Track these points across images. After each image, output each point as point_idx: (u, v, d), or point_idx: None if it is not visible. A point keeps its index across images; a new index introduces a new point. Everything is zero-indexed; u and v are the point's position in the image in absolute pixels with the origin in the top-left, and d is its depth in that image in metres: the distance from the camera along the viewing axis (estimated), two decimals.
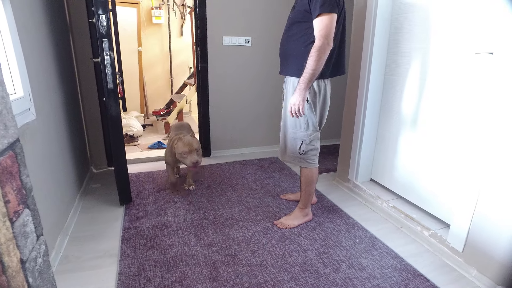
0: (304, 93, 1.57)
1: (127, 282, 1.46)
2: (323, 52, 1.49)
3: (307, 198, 1.93)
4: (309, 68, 1.52)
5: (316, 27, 1.50)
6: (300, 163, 1.83)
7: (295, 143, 1.79)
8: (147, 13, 4.16)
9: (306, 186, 1.88)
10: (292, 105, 1.61)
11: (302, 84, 1.56)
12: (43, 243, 0.64)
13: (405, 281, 1.51)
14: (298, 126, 1.75)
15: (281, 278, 1.51)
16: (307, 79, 1.55)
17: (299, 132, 1.76)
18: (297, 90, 1.58)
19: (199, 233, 1.84)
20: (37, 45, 1.62)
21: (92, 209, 2.10)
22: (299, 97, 1.58)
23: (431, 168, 1.85)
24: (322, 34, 1.48)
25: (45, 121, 1.64)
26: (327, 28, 1.48)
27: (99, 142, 2.70)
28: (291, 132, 1.79)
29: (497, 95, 1.35)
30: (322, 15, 1.47)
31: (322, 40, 1.48)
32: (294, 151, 1.81)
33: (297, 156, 1.81)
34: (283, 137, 1.85)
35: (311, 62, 1.51)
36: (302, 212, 1.96)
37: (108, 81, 1.86)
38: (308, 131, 1.76)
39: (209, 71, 2.84)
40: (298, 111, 1.61)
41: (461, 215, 1.56)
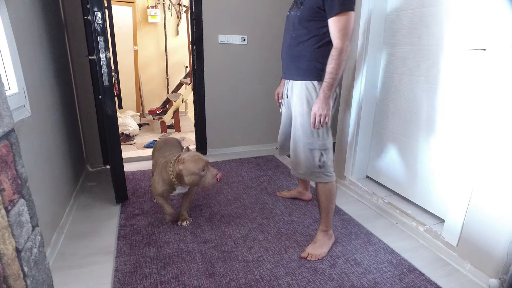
0: (329, 101, 1.42)
1: (123, 279, 1.46)
2: (346, 53, 1.38)
3: (329, 218, 1.68)
4: (332, 73, 1.38)
5: (335, 27, 1.37)
6: (318, 178, 1.60)
7: (312, 155, 1.56)
8: (143, 12, 4.15)
9: (328, 204, 1.64)
10: (317, 116, 1.43)
11: (327, 91, 1.40)
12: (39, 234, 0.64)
13: (400, 276, 1.52)
14: (315, 134, 1.54)
15: (277, 274, 1.51)
16: (331, 85, 1.40)
17: (316, 141, 1.54)
18: (322, 99, 1.41)
19: (196, 230, 1.84)
20: (31, 42, 1.61)
21: (88, 207, 2.10)
22: (326, 106, 1.42)
23: (425, 164, 1.87)
24: (342, 34, 1.36)
25: (40, 118, 1.63)
26: (347, 28, 1.36)
27: (95, 141, 2.69)
28: (306, 142, 1.56)
29: (489, 90, 1.36)
30: (341, 14, 1.34)
31: (343, 41, 1.36)
32: (311, 165, 1.57)
33: (315, 170, 1.58)
34: (294, 149, 1.62)
35: (334, 65, 1.38)
36: (327, 236, 1.71)
37: (104, 79, 1.85)
38: (327, 138, 1.56)
39: (205, 70, 2.84)
40: (324, 122, 1.44)
41: (455, 210, 1.58)
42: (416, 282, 1.48)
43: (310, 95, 1.52)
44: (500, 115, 1.34)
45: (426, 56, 1.79)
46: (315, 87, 1.51)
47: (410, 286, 1.46)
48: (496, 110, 1.35)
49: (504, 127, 1.33)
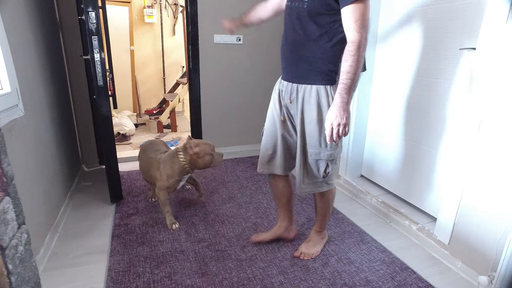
0: (348, 107, 1.22)
1: (116, 278, 1.47)
2: (364, 48, 1.19)
3: (326, 221, 1.68)
4: (351, 72, 1.18)
5: (350, 17, 1.18)
6: (320, 188, 1.49)
7: (317, 166, 1.43)
8: (139, 12, 4.16)
9: (326, 209, 1.61)
10: (335, 126, 1.22)
11: (344, 94, 1.19)
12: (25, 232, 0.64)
13: (392, 274, 1.53)
14: (324, 144, 1.39)
15: (270, 272, 1.52)
16: (349, 87, 1.19)
17: (324, 151, 1.40)
18: (339, 105, 1.20)
19: (190, 229, 1.85)
20: (25, 42, 1.62)
21: (83, 207, 2.10)
22: (344, 113, 1.20)
23: (419, 163, 1.88)
24: (360, 25, 1.17)
25: (33, 118, 1.64)
26: (364, 17, 1.17)
27: (91, 141, 2.69)
28: (312, 152, 1.42)
29: (479, 88, 1.37)
30: (357, 2, 1.15)
31: (361, 33, 1.17)
32: (315, 176, 1.46)
33: (318, 181, 1.47)
34: (301, 163, 1.44)
35: (351, 63, 1.17)
36: (321, 235, 1.70)
37: (98, 79, 1.86)
38: (337, 147, 1.42)
39: (201, 70, 2.84)
40: (343, 133, 1.24)
41: (447, 208, 1.59)
42: (408, 280, 1.49)
43: (322, 101, 1.34)
44: (489, 114, 1.35)
45: (419, 54, 1.80)
46: (328, 93, 1.32)
47: (402, 284, 1.47)
48: (485, 109, 1.36)
49: (493, 126, 1.34)
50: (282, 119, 1.50)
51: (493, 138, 1.34)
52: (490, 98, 1.34)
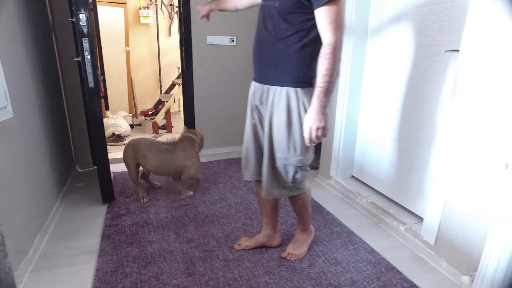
0: (326, 110, 1.20)
1: (104, 278, 1.48)
2: (340, 50, 1.16)
3: (308, 220, 1.67)
4: (327, 75, 1.15)
5: (324, 19, 1.14)
6: (291, 192, 1.47)
7: (286, 171, 1.40)
8: (135, 13, 4.17)
9: (303, 211, 1.62)
10: (313, 130, 1.20)
11: (323, 98, 1.17)
12: None
13: (377, 274, 1.55)
14: (292, 149, 1.35)
15: (256, 273, 1.53)
16: (328, 90, 1.17)
17: (292, 157, 1.36)
18: (317, 108, 1.18)
19: (179, 230, 1.86)
20: (15, 44, 1.63)
21: (75, 208, 2.11)
22: (322, 117, 1.18)
23: (408, 164, 1.90)
24: (334, 27, 1.14)
25: (23, 120, 1.65)
26: (340, 19, 1.14)
27: (85, 142, 2.70)
28: (280, 157, 1.38)
29: (462, 90, 1.39)
30: (331, 2, 1.12)
31: (336, 35, 1.14)
32: (284, 181, 1.42)
33: (287, 186, 1.44)
34: (268, 167, 1.40)
35: (327, 66, 1.14)
36: (306, 234, 1.71)
37: (89, 80, 1.87)
38: (306, 154, 1.38)
39: (194, 71, 2.86)
40: (321, 137, 1.22)
41: (433, 209, 1.60)
42: (393, 281, 1.51)
43: (292, 104, 1.30)
44: (473, 115, 1.36)
45: (407, 56, 1.81)
46: (298, 96, 1.29)
47: (387, 284, 1.48)
48: (469, 111, 1.38)
49: (475, 127, 1.35)
50: (253, 122, 1.48)
51: (476, 139, 1.36)
52: (473, 100, 1.36)
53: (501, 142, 1.26)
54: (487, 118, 1.31)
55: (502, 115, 1.25)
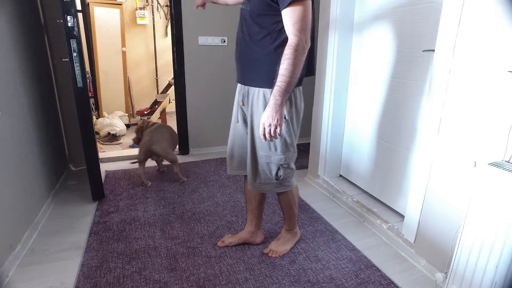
0: (281, 109, 1.21)
1: (88, 273, 1.52)
2: (302, 52, 1.16)
3: (293, 220, 1.70)
4: (285, 75, 1.17)
5: (289, 20, 1.16)
6: (276, 189, 1.51)
7: (269, 168, 1.44)
8: (131, 14, 4.22)
9: (289, 209, 1.64)
10: (266, 126, 1.22)
11: (278, 97, 1.19)
12: None
13: (356, 272, 1.57)
14: (273, 148, 1.39)
15: (237, 269, 1.56)
16: (284, 90, 1.18)
17: (274, 155, 1.40)
18: (272, 106, 1.20)
19: (165, 227, 1.90)
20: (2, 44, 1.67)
21: (65, 205, 2.16)
22: (276, 115, 1.21)
23: (391, 163, 1.92)
24: (297, 28, 1.14)
25: (11, 119, 1.69)
26: (303, 21, 1.14)
27: (78, 141, 2.73)
28: (262, 155, 1.42)
29: (437, 88, 1.41)
30: (295, 4, 1.13)
31: (299, 36, 1.14)
32: (268, 177, 1.46)
33: (272, 182, 1.47)
34: (251, 162, 1.46)
35: (287, 66, 1.16)
36: (291, 233, 1.73)
37: (77, 81, 1.91)
38: (287, 153, 1.42)
39: (186, 71, 2.89)
40: (275, 133, 1.24)
41: (412, 207, 1.63)
42: (371, 278, 1.53)
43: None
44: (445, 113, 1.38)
45: (389, 55, 1.83)
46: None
47: (365, 281, 1.51)
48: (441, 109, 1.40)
49: (448, 126, 1.38)
50: (236, 121, 1.53)
51: (451, 137, 1.38)
52: (445, 99, 1.38)
53: (470, 141, 1.28)
54: (458, 118, 1.33)
55: (471, 115, 1.27)
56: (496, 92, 1.19)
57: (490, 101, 1.21)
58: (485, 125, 1.23)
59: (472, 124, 1.28)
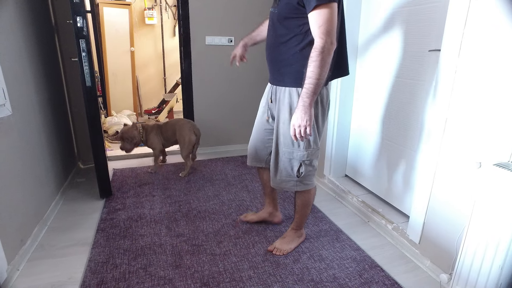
0: (310, 110, 1.26)
1: (95, 268, 1.55)
2: (328, 53, 1.20)
3: (303, 220, 1.71)
4: (312, 77, 1.21)
5: (315, 23, 1.20)
6: (296, 187, 1.54)
7: (291, 165, 1.49)
8: (140, 14, 4.27)
9: (303, 208, 1.65)
10: (296, 127, 1.28)
11: (306, 99, 1.24)
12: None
13: (360, 272, 1.57)
14: (296, 144, 1.44)
15: (241, 267, 1.58)
16: (312, 91, 1.23)
17: (296, 151, 1.45)
18: (301, 108, 1.26)
19: (171, 225, 1.92)
20: (15, 44, 1.71)
21: (74, 202, 2.20)
22: (305, 116, 1.26)
23: (397, 163, 1.91)
24: (323, 31, 1.19)
25: (23, 117, 1.73)
26: (329, 23, 1.18)
27: (87, 139, 2.78)
28: (285, 151, 1.47)
29: (443, 88, 1.40)
30: (320, 7, 1.17)
31: (324, 39, 1.19)
32: (289, 174, 1.51)
33: (293, 179, 1.52)
34: (274, 158, 1.53)
35: (314, 69, 1.20)
36: (297, 233, 1.74)
37: (86, 80, 1.95)
38: (310, 150, 1.46)
39: (193, 70, 2.92)
40: (305, 134, 1.29)
41: (417, 208, 1.62)
42: (375, 278, 1.53)
43: (293, 103, 1.40)
44: (453, 114, 1.37)
45: (395, 56, 1.83)
46: (299, 95, 1.32)
47: (368, 281, 1.51)
48: (449, 109, 1.39)
49: (453, 126, 1.37)
50: (266, 117, 1.61)
51: (456, 137, 1.37)
52: (451, 99, 1.37)
53: (475, 141, 1.27)
54: (463, 118, 1.32)
55: (476, 115, 1.26)
56: (502, 92, 1.18)
57: (496, 101, 1.20)
58: (491, 125, 1.22)
59: (477, 124, 1.27)
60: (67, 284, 1.45)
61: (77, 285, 1.45)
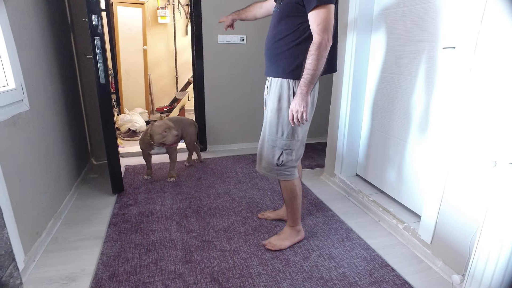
0: (307, 98, 1.38)
1: (107, 262, 1.58)
2: (324, 49, 1.32)
3: (295, 214, 1.72)
4: (310, 69, 1.34)
5: (313, 21, 1.33)
6: (276, 175, 1.62)
7: (273, 152, 1.58)
8: (152, 13, 4.32)
9: (290, 201, 1.68)
10: (294, 112, 1.40)
11: (304, 87, 1.37)
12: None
13: (370, 271, 1.56)
14: (280, 132, 1.54)
15: (250, 263, 1.58)
16: (309, 81, 1.36)
17: (279, 140, 1.55)
18: (299, 95, 1.38)
19: (182, 221, 1.94)
20: (32, 41, 1.75)
21: (87, 197, 2.24)
22: (302, 102, 1.38)
23: (410, 163, 1.89)
24: (321, 28, 1.31)
25: (39, 113, 1.78)
26: (326, 22, 1.31)
27: (100, 136, 2.84)
28: (269, 139, 1.58)
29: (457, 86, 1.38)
30: (320, 7, 1.30)
31: (322, 36, 1.31)
32: (271, 162, 1.60)
33: (273, 167, 1.60)
34: (260, 144, 1.65)
35: (311, 61, 1.33)
36: (293, 230, 1.75)
37: (100, 77, 1.99)
38: (293, 139, 1.55)
39: (205, 69, 2.94)
40: (302, 119, 1.41)
41: (429, 207, 1.60)
42: (385, 277, 1.51)
43: (283, 93, 1.50)
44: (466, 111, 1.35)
45: (408, 54, 1.80)
46: (290, 86, 1.48)
47: (378, 280, 1.49)
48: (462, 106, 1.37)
49: (470, 124, 1.34)
50: (264, 108, 1.70)
51: (471, 136, 1.35)
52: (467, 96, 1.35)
53: (490, 140, 1.25)
54: (478, 116, 1.30)
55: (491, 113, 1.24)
56: None
57: None
58: (507, 124, 1.19)
59: (492, 122, 1.24)
60: (81, 276, 1.49)
61: (90, 277, 1.48)
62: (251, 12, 1.87)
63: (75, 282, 1.45)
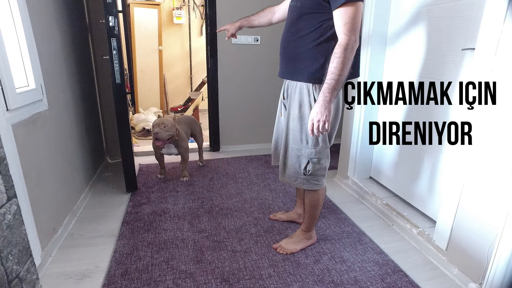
0: (330, 106, 1.25)
1: (120, 259, 1.61)
2: (351, 51, 1.20)
3: (312, 222, 1.68)
4: (335, 73, 1.21)
5: (340, 20, 1.20)
6: (303, 185, 1.53)
7: (299, 162, 1.48)
8: (168, 14, 4.37)
9: (311, 209, 1.62)
10: (315, 122, 1.28)
11: (327, 93, 1.24)
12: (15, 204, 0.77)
13: (383, 276, 1.53)
14: (305, 141, 1.44)
15: (261, 265, 1.58)
16: (333, 87, 1.23)
17: (305, 148, 1.45)
18: (321, 102, 1.25)
19: (194, 220, 1.96)
20: (52, 42, 1.80)
21: (102, 195, 2.29)
22: (325, 111, 1.25)
23: (423, 166, 1.85)
24: (348, 28, 1.18)
25: (57, 112, 1.82)
26: (355, 21, 1.18)
27: (115, 135, 2.89)
28: (294, 148, 1.48)
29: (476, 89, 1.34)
30: (347, 4, 1.17)
31: (349, 36, 1.18)
32: (297, 171, 1.50)
33: (300, 176, 1.51)
34: (283, 154, 1.54)
35: (336, 64, 1.20)
36: (305, 235, 1.71)
37: (116, 77, 2.02)
38: (318, 147, 1.45)
39: (219, 69, 2.96)
40: (323, 129, 1.29)
41: (445, 213, 1.56)
42: (398, 283, 1.49)
43: (304, 99, 1.39)
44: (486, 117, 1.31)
45: (425, 55, 1.77)
46: (310, 91, 1.37)
47: (391, 286, 1.47)
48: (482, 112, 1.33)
49: (488, 127, 1.30)
50: (280, 114, 1.63)
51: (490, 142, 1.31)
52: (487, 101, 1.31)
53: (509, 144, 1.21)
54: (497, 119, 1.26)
55: None
56: None
57: None
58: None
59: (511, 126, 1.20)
60: (94, 273, 1.52)
61: (103, 274, 1.51)
62: (266, 17, 1.74)
63: (89, 278, 1.48)
